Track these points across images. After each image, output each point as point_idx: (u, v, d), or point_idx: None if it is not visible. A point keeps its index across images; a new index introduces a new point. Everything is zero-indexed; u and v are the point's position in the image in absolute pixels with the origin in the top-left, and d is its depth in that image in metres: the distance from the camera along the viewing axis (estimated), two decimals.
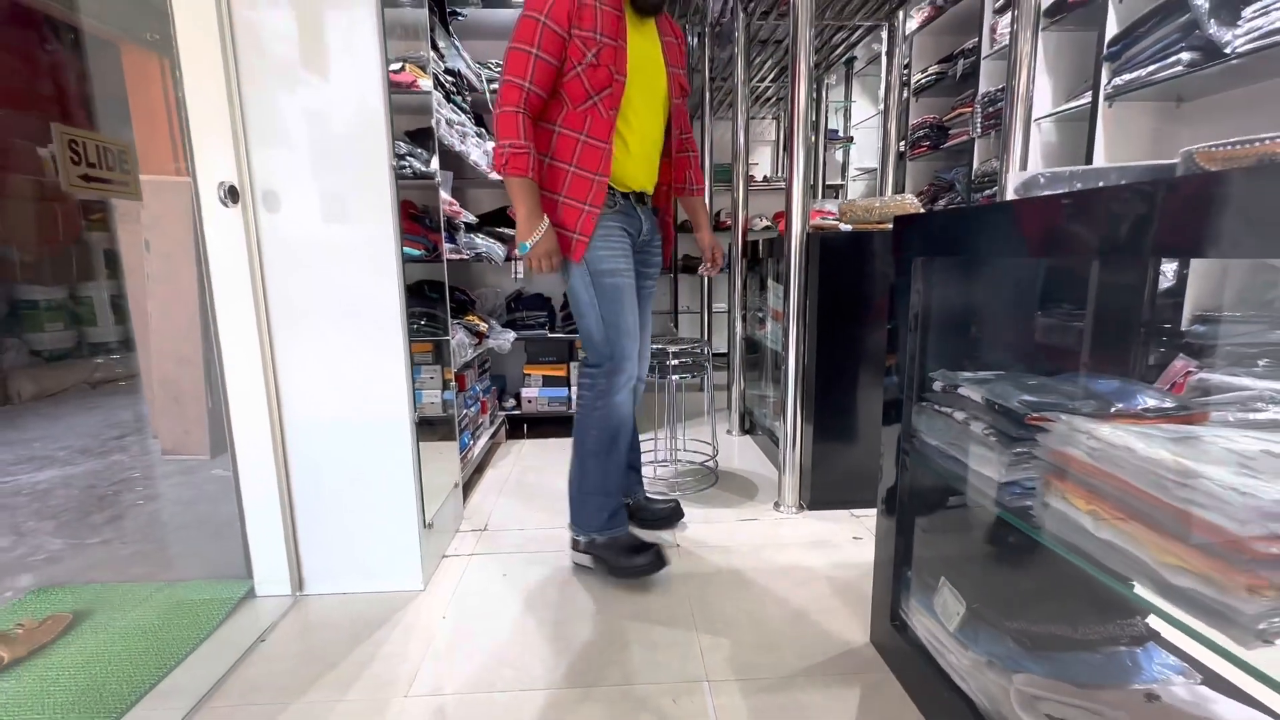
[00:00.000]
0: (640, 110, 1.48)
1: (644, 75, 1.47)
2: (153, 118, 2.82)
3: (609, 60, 1.37)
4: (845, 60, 3.51)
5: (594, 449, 1.53)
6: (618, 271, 1.47)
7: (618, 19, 1.40)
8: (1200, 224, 0.57)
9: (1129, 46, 2.02)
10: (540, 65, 1.35)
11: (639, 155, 1.51)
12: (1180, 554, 0.61)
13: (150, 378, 2.60)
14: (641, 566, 1.50)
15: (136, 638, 1.33)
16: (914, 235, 1.05)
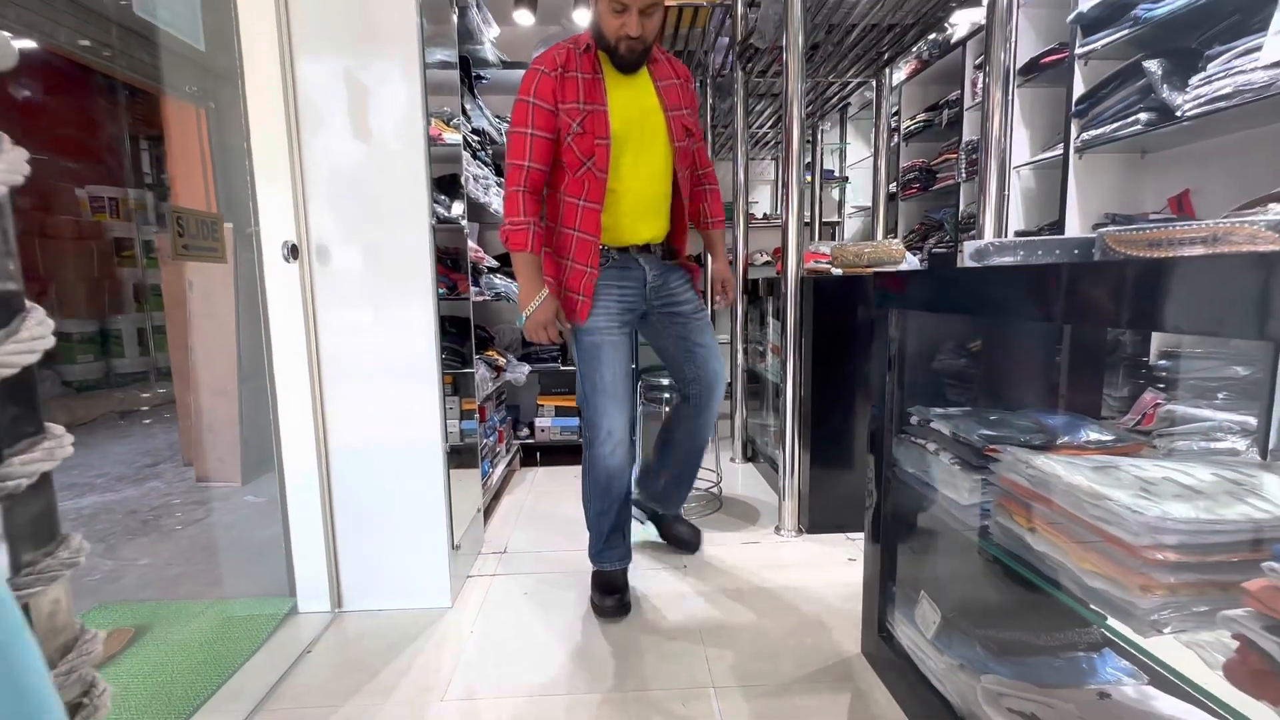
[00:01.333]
0: (634, 164, 1.55)
1: (634, 128, 1.53)
2: (189, 164, 3.02)
3: (592, 127, 1.48)
4: (839, 107, 3.73)
5: (586, 494, 1.68)
6: (596, 330, 1.58)
7: (595, 83, 1.50)
8: (1100, 300, 0.73)
9: (1094, 105, 2.22)
10: (536, 142, 1.48)
11: (634, 209, 1.58)
12: (1093, 561, 0.76)
13: (187, 408, 2.77)
14: (600, 608, 1.60)
15: (194, 650, 1.46)
16: (889, 290, 1.21)
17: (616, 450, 1.59)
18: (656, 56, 1.60)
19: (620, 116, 1.51)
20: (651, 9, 1.44)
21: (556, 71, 1.48)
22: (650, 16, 1.45)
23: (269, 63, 1.46)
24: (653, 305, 1.67)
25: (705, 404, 1.73)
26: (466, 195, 2.10)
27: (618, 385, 1.58)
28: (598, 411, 1.58)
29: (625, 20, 1.43)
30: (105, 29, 3.13)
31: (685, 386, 1.76)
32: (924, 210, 3.69)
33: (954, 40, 3.02)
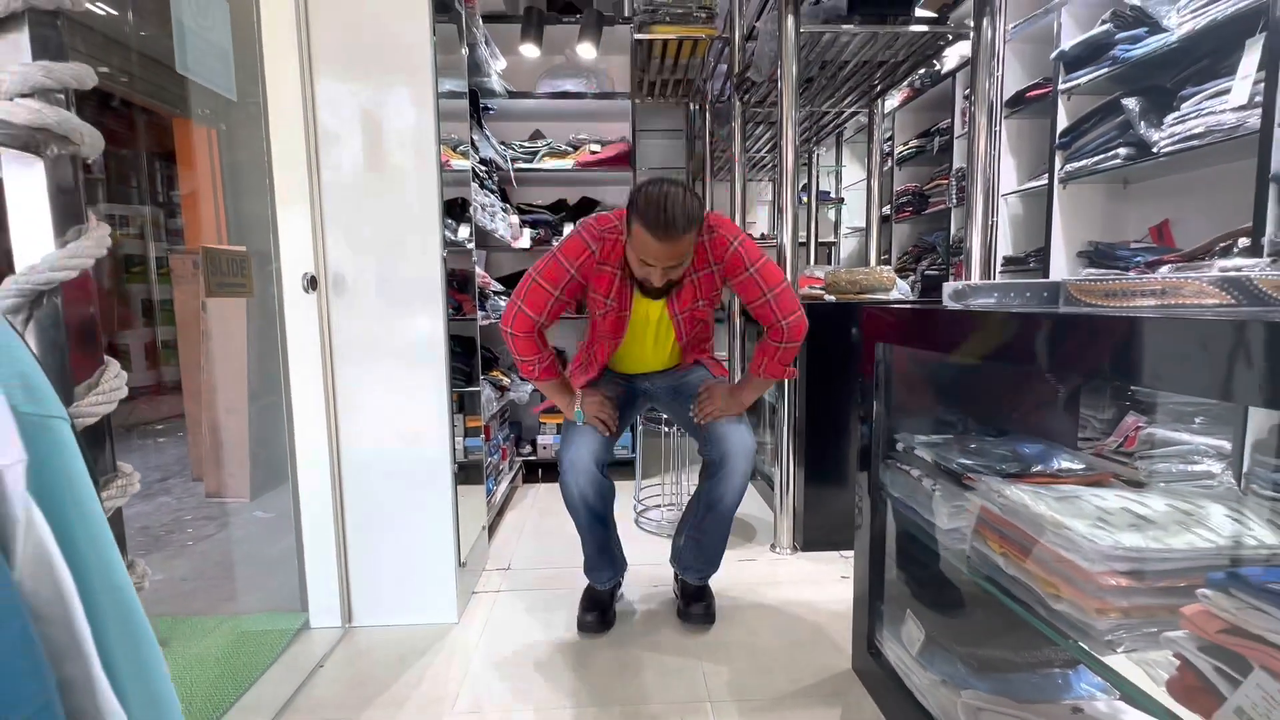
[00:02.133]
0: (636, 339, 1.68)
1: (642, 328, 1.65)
2: (199, 185, 3.09)
3: (612, 324, 1.59)
4: (834, 132, 3.84)
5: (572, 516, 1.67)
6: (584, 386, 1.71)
7: (624, 288, 1.53)
8: (1054, 351, 0.80)
9: (1077, 138, 2.32)
10: (556, 305, 1.53)
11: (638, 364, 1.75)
12: (1057, 585, 0.83)
13: (198, 425, 2.83)
14: (580, 622, 1.67)
15: (210, 663, 1.52)
16: (875, 325, 1.29)
17: (578, 479, 1.59)
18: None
19: (637, 322, 1.63)
20: (676, 267, 1.42)
21: (597, 259, 1.50)
22: (674, 270, 1.43)
23: (291, 95, 1.54)
24: (657, 393, 1.78)
25: (720, 472, 1.59)
26: (474, 222, 2.19)
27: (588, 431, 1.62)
28: (563, 443, 1.66)
29: (650, 273, 1.43)
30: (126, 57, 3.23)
31: (706, 452, 1.66)
32: (917, 233, 3.79)
33: (944, 71, 3.12)
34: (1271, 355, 0.52)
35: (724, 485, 1.59)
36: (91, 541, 0.32)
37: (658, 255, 1.37)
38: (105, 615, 0.32)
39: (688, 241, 1.37)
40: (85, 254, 0.57)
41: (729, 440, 1.58)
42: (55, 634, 0.29)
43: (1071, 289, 0.92)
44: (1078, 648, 0.80)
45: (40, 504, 0.29)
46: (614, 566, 1.76)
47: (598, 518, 1.66)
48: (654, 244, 1.35)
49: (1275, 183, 1.60)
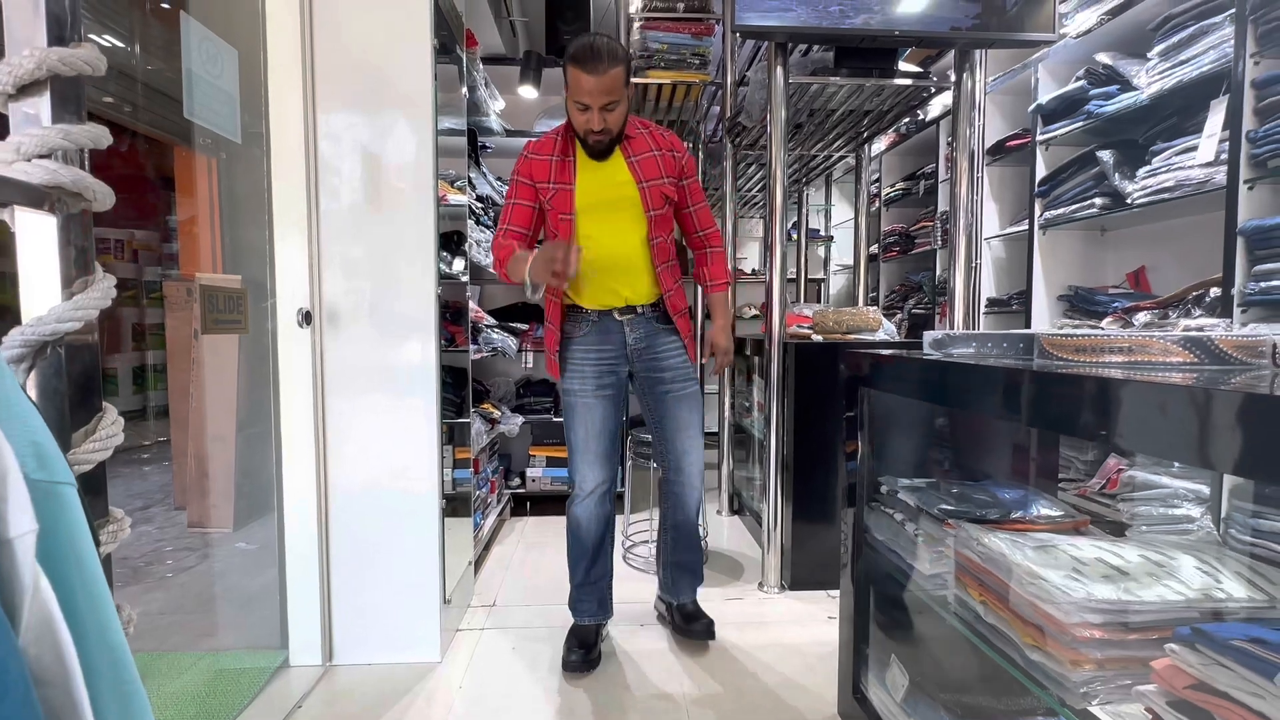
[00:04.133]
0: (601, 231, 1.64)
1: (600, 199, 1.63)
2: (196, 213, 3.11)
3: (557, 204, 1.63)
4: (823, 173, 3.95)
5: (568, 545, 1.75)
6: (572, 391, 1.69)
7: (564, 164, 1.64)
8: (1027, 404, 0.83)
9: (1055, 187, 2.40)
10: (517, 209, 1.67)
11: (603, 274, 1.65)
12: (1034, 636, 0.84)
13: (183, 453, 2.81)
14: (565, 661, 1.64)
15: (187, 703, 1.49)
16: (857, 370, 1.32)
17: (585, 504, 1.70)
18: (632, 134, 1.66)
19: (586, 192, 1.64)
20: (611, 104, 1.52)
21: (530, 154, 1.68)
22: (611, 110, 1.53)
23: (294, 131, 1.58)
24: (636, 367, 1.72)
25: (673, 478, 1.75)
26: (469, 258, 2.22)
27: (589, 444, 1.68)
28: (572, 468, 1.72)
29: (589, 117, 1.53)
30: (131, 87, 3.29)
31: (660, 457, 1.78)
32: (904, 272, 3.87)
33: (929, 119, 3.24)
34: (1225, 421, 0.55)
35: (677, 492, 1.76)
36: (91, 602, 0.33)
37: (590, 90, 1.49)
38: (100, 675, 0.33)
39: (615, 75, 1.49)
40: (91, 305, 0.59)
41: (676, 446, 1.74)
42: (55, 696, 0.30)
43: (1044, 342, 0.96)
44: (1055, 699, 0.81)
45: (46, 569, 0.30)
46: (601, 601, 1.76)
47: (597, 547, 1.73)
48: (585, 78, 1.48)
49: (1242, 236, 1.67)
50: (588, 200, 1.64)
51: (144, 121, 3.94)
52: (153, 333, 5.09)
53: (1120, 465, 2.11)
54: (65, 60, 0.57)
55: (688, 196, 1.75)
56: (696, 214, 1.78)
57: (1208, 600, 0.78)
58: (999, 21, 1.93)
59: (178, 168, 3.69)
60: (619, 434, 1.78)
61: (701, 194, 1.80)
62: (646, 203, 1.65)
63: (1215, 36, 1.77)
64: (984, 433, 1.53)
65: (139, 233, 4.99)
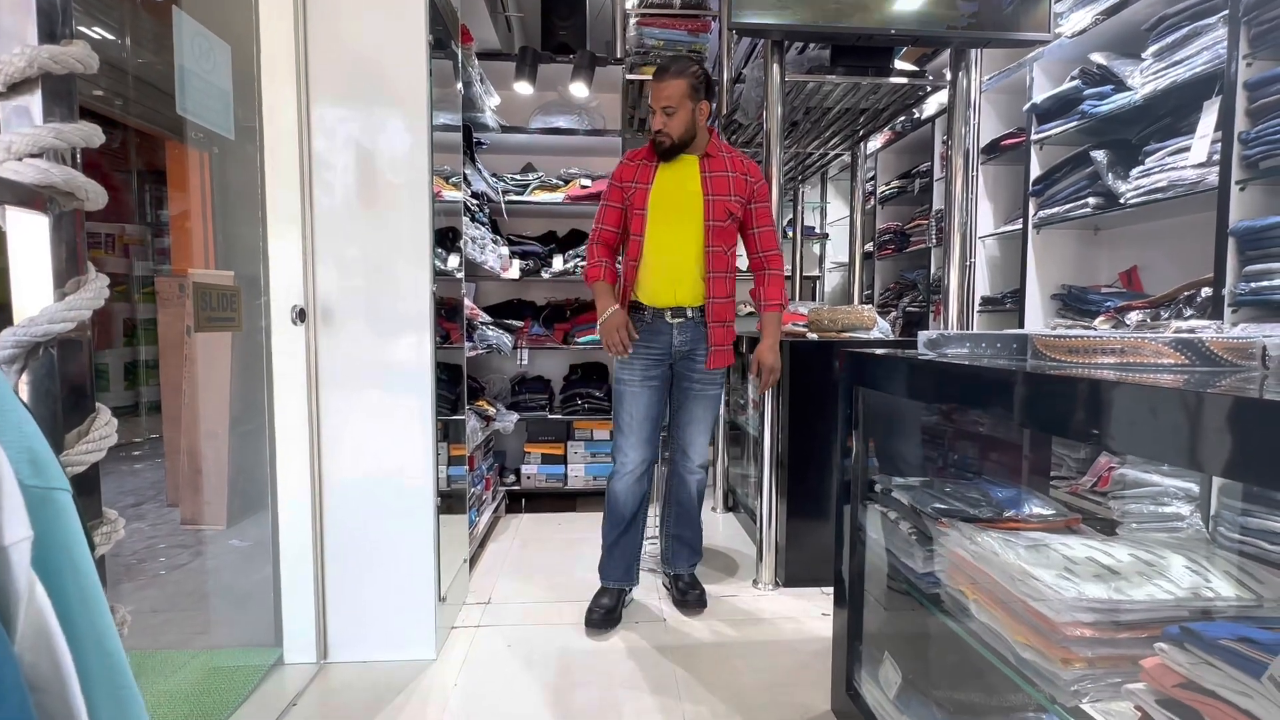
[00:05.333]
0: (665, 233, 1.83)
1: (670, 202, 1.83)
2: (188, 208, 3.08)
3: (636, 200, 1.85)
4: (819, 171, 3.95)
5: (605, 514, 1.93)
6: (622, 380, 1.89)
7: (647, 168, 1.87)
8: (1019, 405, 0.84)
9: (1049, 186, 2.41)
10: (609, 210, 1.91)
11: (662, 272, 1.84)
12: (1025, 634, 0.85)
13: (176, 449, 2.79)
14: (588, 618, 1.84)
15: (180, 701, 1.49)
16: (852, 369, 1.32)
17: (625, 479, 1.88)
18: (713, 153, 1.87)
19: (659, 192, 1.84)
20: (669, 109, 1.76)
21: (628, 160, 1.91)
22: (671, 116, 1.76)
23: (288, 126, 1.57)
24: (677, 366, 1.93)
25: (679, 460, 2.00)
26: (464, 255, 2.22)
27: (634, 427, 1.87)
28: (616, 447, 1.91)
29: (654, 119, 1.79)
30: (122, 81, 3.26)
31: (671, 441, 2.02)
32: (899, 270, 3.88)
33: (924, 117, 3.24)
34: (1214, 424, 0.56)
35: (678, 477, 2.00)
36: (86, 608, 0.33)
37: (654, 95, 1.78)
38: (96, 681, 0.33)
39: (675, 85, 1.75)
40: (83, 306, 0.59)
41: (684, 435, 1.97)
42: (50, 703, 0.30)
43: (1037, 343, 0.96)
44: (1045, 697, 0.82)
45: (41, 575, 0.30)
46: (628, 570, 1.93)
47: (630, 520, 1.91)
48: (653, 85, 1.79)
49: (1234, 236, 1.68)
50: (658, 200, 1.84)
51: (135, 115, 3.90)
52: (145, 328, 5.05)
53: (1111, 463, 2.12)
54: (56, 58, 0.57)
55: (753, 219, 1.91)
56: (760, 236, 1.93)
57: (1197, 599, 0.79)
58: (995, 20, 1.93)
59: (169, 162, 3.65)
60: (660, 421, 1.95)
61: (769, 220, 1.95)
62: (708, 212, 1.84)
63: (1209, 37, 1.77)
64: (977, 431, 1.54)
65: (130, 227, 4.94)
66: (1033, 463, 1.54)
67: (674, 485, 2.03)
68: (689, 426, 1.95)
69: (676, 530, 2.04)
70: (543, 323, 3.00)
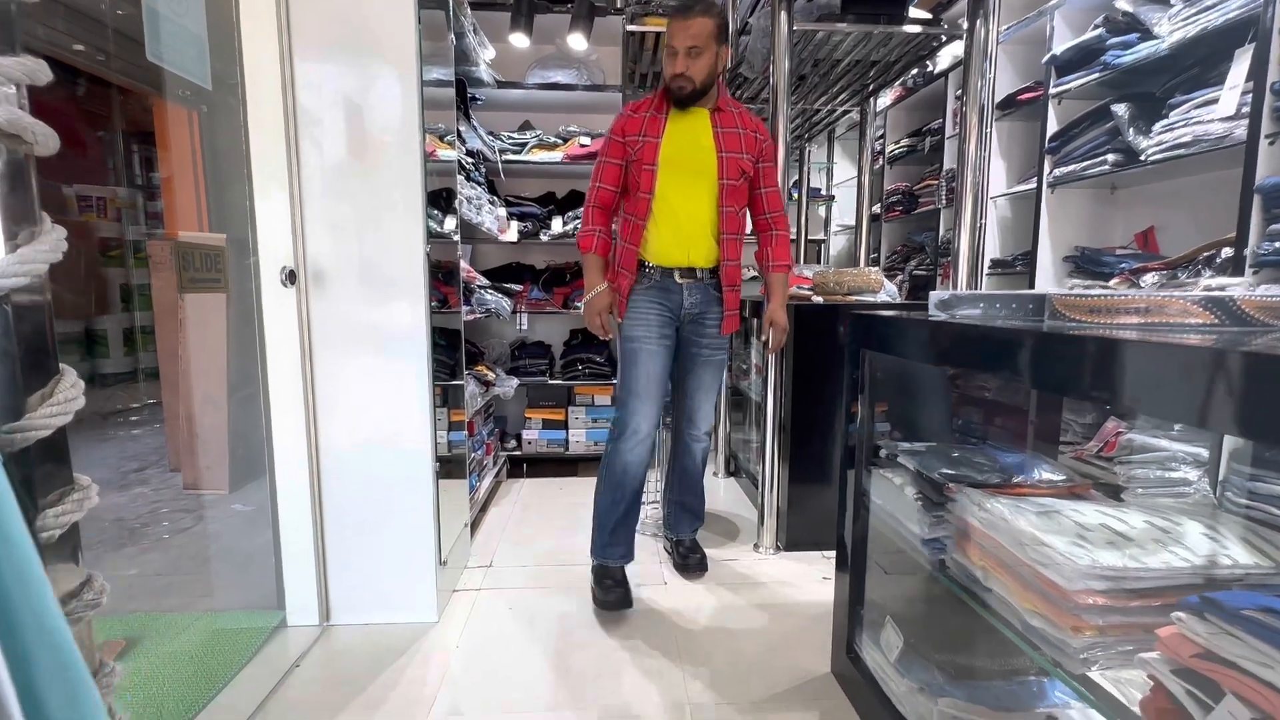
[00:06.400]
0: (681, 193, 1.73)
1: (683, 158, 1.71)
2: (181, 169, 3.01)
3: (643, 155, 1.71)
4: (826, 129, 3.83)
5: (602, 487, 1.80)
6: (634, 338, 1.76)
7: (655, 120, 1.72)
8: (1039, 367, 0.80)
9: (1066, 143, 2.32)
10: (608, 167, 1.76)
11: (674, 232, 1.74)
12: (1034, 601, 0.83)
13: (175, 415, 2.78)
14: (604, 602, 1.74)
15: (184, 662, 1.50)
16: (859, 331, 1.28)
17: (636, 448, 1.76)
18: (724, 108, 1.76)
19: (671, 146, 1.71)
20: (694, 50, 1.63)
21: (628, 112, 1.75)
22: (695, 58, 1.64)
23: (270, 80, 1.50)
24: (685, 329, 1.84)
25: (685, 428, 1.94)
26: (460, 215, 2.15)
27: (648, 389, 1.75)
28: (627, 410, 1.76)
29: (675, 61, 1.65)
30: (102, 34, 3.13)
31: (676, 408, 1.97)
32: (906, 232, 3.79)
33: (937, 71, 3.11)
34: (1250, 385, 0.52)
35: (689, 455, 1.96)
36: (23, 585, 0.30)
37: (677, 33, 1.63)
38: (39, 663, 0.31)
39: (702, 24, 1.62)
40: (39, 259, 0.55)
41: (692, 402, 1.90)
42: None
43: (1056, 303, 0.92)
44: (1052, 664, 0.80)
45: None
46: (630, 544, 1.84)
47: (636, 492, 1.81)
48: (675, 23, 1.64)
49: (1260, 194, 1.61)
50: (670, 155, 1.71)
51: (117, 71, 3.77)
52: (142, 293, 5.00)
53: (1119, 428, 2.09)
54: None
55: (761, 178, 1.82)
56: (767, 196, 1.84)
57: (1214, 567, 0.76)
58: None
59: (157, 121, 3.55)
60: (667, 384, 1.88)
61: (775, 180, 1.87)
62: (722, 170, 1.73)
63: None
64: (984, 397, 1.50)
65: (122, 191, 4.85)
66: (1040, 428, 1.51)
67: (679, 453, 1.98)
68: (697, 393, 1.89)
69: (680, 497, 2.02)
70: (542, 286, 2.94)
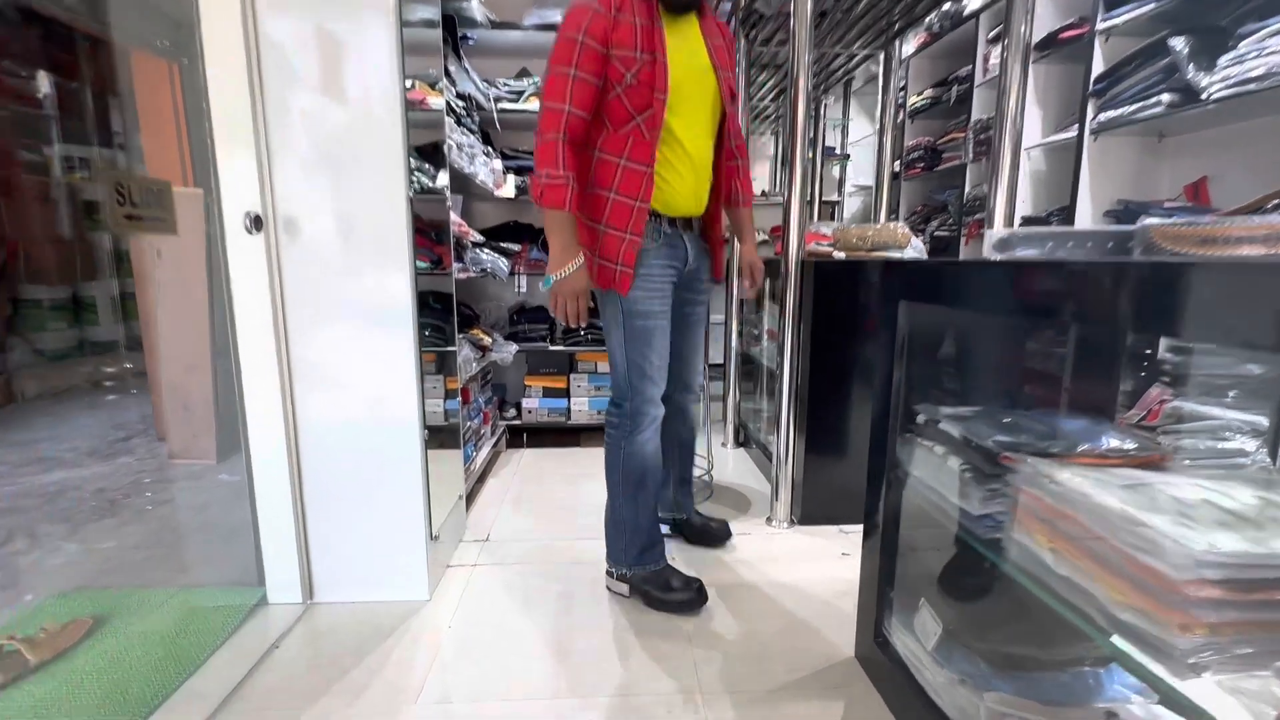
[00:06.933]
0: (689, 125, 1.41)
1: (690, 85, 1.38)
2: (161, 124, 2.84)
3: (648, 79, 1.32)
4: (844, 80, 3.59)
5: (621, 487, 1.54)
6: (651, 314, 1.45)
7: (652, 30, 1.33)
8: (1150, 305, 0.64)
9: (1114, 84, 2.11)
10: (579, 85, 1.29)
11: (688, 176, 1.44)
12: (1124, 591, 0.69)
13: (158, 383, 2.65)
14: (680, 603, 1.51)
15: (155, 643, 1.39)
16: (899, 281, 1.12)
17: (654, 436, 1.54)
18: (705, 12, 1.45)
19: (678, 69, 1.35)
20: None
21: (611, 12, 1.30)
22: None
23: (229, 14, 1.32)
24: (680, 283, 1.55)
25: (683, 396, 1.74)
26: (450, 162, 1.98)
27: (662, 369, 1.50)
28: (643, 397, 1.49)
29: None
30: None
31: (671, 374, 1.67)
32: (927, 191, 3.59)
33: (967, 12, 2.88)
34: None
35: (688, 424, 1.80)
36: None
37: None
38: None
39: None
40: None
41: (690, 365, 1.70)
42: None
43: (1156, 234, 0.76)
44: (1146, 670, 0.67)
45: None
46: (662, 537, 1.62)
47: (659, 481, 1.59)
48: None
49: None
50: (679, 79, 1.36)
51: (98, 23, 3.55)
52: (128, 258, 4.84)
53: (1163, 395, 1.94)
54: None
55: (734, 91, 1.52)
56: (730, 117, 1.51)
57: None
58: None
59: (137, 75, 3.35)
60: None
61: (738, 97, 1.59)
62: (723, 91, 1.45)
63: None
64: (1033, 358, 1.35)
65: (104, 151, 4.65)
66: (1097, 394, 1.36)
67: (677, 424, 1.75)
68: (693, 355, 1.68)
69: (685, 473, 1.85)
70: (542, 247, 2.77)
